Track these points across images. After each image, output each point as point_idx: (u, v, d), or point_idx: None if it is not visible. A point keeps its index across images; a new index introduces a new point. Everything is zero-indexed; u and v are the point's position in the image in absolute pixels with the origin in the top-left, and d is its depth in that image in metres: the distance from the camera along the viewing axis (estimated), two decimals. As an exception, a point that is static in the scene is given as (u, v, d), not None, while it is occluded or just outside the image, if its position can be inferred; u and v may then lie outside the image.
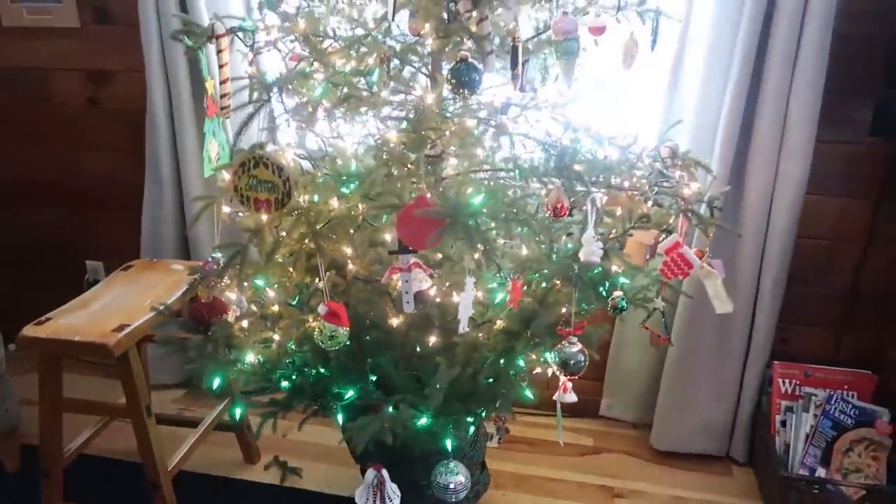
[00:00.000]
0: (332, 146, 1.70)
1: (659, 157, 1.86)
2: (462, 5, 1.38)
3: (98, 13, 2.48)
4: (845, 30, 1.93)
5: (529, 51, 1.69)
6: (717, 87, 2.00)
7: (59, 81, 2.63)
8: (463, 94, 1.44)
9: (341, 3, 1.76)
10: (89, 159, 2.71)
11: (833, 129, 2.05)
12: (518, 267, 1.60)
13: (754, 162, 2.03)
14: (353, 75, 1.53)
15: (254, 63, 1.63)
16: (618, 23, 1.66)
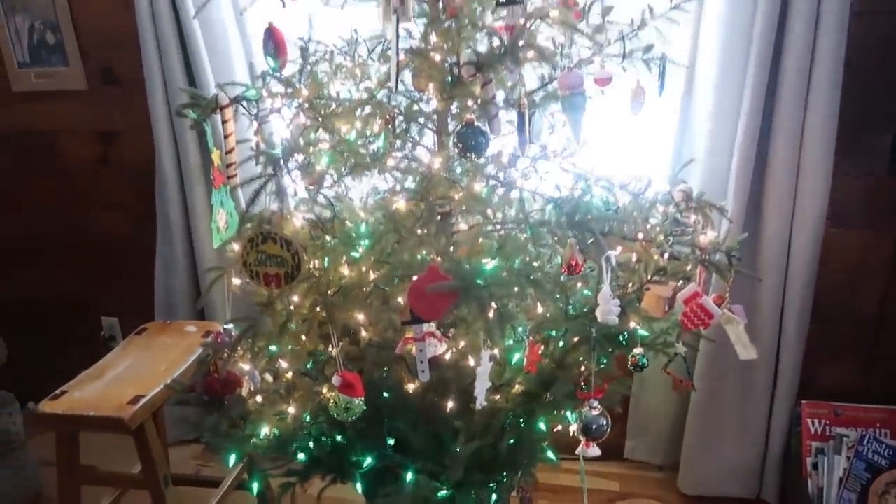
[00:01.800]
0: (340, 204, 1.69)
1: (673, 202, 1.84)
2: (465, 70, 1.36)
3: (104, 74, 2.50)
4: (857, 62, 1.90)
5: (535, 104, 1.66)
6: (729, 125, 1.97)
7: (68, 142, 2.64)
8: (470, 158, 1.42)
9: (345, 62, 1.76)
10: (101, 218, 2.72)
11: (850, 163, 2.01)
12: (534, 326, 1.57)
13: (770, 199, 1.99)
14: (359, 139, 1.52)
15: (259, 131, 1.62)
16: (624, 71, 1.64)
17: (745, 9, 1.85)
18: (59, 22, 2.45)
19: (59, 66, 2.52)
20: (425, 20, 1.59)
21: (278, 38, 1.62)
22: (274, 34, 1.62)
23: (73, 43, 2.47)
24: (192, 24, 2.11)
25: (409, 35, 1.64)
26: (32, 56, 2.54)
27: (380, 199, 1.70)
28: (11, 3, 2.48)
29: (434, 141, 1.66)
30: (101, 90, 2.52)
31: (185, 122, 2.26)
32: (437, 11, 1.56)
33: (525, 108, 1.35)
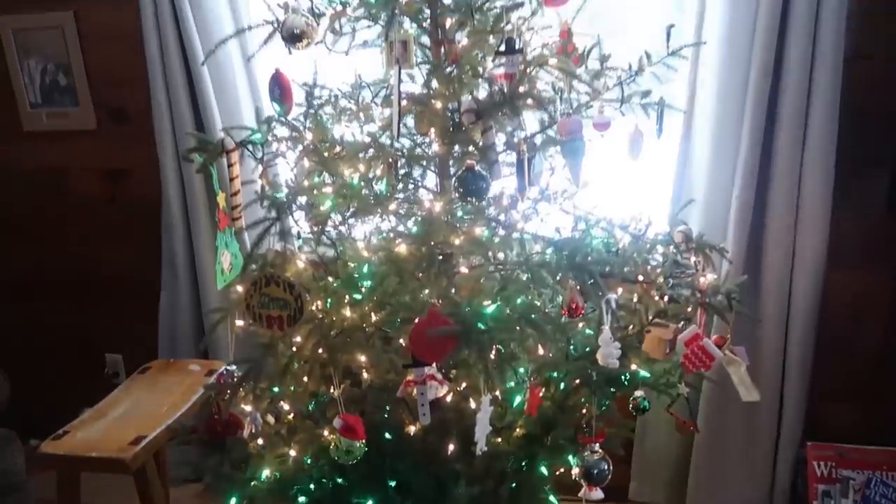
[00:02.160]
0: (343, 245, 1.71)
1: (672, 243, 1.85)
2: (465, 117, 1.39)
3: (113, 115, 2.54)
4: (852, 104, 1.92)
5: (536, 147, 1.69)
6: (727, 167, 1.99)
7: (77, 180, 2.68)
8: (471, 202, 1.45)
9: (349, 105, 1.79)
10: (107, 254, 2.74)
11: (849, 204, 2.02)
12: (536, 368, 1.57)
13: (770, 239, 2.01)
14: (362, 182, 1.54)
15: (264, 174, 1.65)
16: (622, 115, 1.67)
17: (741, 54, 1.89)
18: (72, 64, 2.51)
19: (69, 106, 2.57)
20: (428, 66, 1.63)
21: (284, 84, 1.66)
22: (280, 80, 1.66)
23: (83, 84, 2.53)
24: (201, 69, 2.16)
25: (411, 80, 1.68)
26: (44, 97, 2.60)
27: (383, 238, 1.72)
28: (25, 47, 2.54)
29: (436, 182, 1.69)
30: (111, 130, 2.57)
31: (193, 162, 2.31)
32: (439, 58, 1.60)
33: (524, 154, 1.37)
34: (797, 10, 1.81)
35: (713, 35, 1.92)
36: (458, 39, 1.63)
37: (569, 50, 1.68)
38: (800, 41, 1.82)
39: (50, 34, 2.49)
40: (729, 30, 1.89)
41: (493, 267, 1.64)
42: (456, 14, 1.54)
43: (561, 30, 1.67)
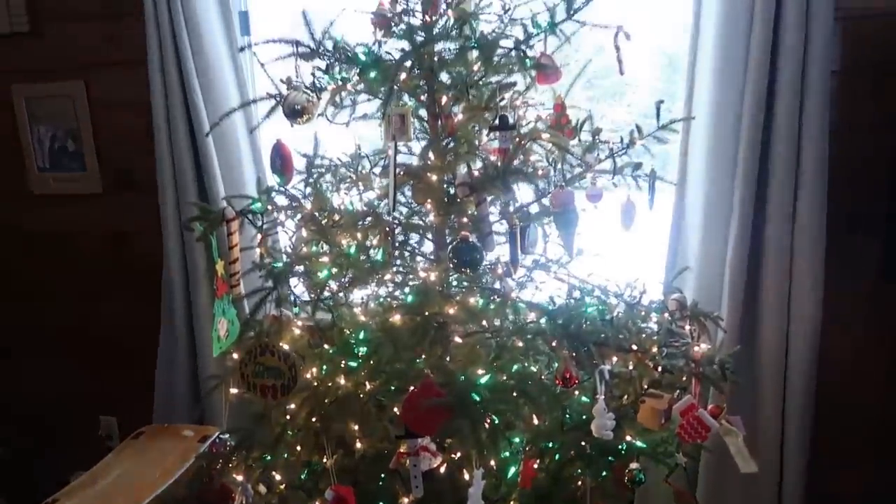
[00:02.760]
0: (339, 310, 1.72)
1: (666, 309, 1.86)
2: (460, 190, 1.43)
3: (119, 180, 2.60)
4: (841, 172, 1.96)
5: (529, 216, 1.72)
6: (720, 234, 2.02)
7: (80, 242, 2.72)
8: (465, 273, 1.47)
9: (348, 173, 1.84)
10: (106, 316, 2.76)
11: (842, 269, 2.04)
12: (530, 438, 1.57)
13: (765, 306, 2.01)
14: (357, 256, 1.57)
15: (263, 243, 1.68)
16: (615, 187, 1.71)
17: (730, 127, 1.94)
18: (80, 130, 2.58)
19: (77, 171, 2.63)
20: (425, 138, 1.68)
21: (285, 155, 1.71)
22: (281, 150, 1.71)
23: (91, 150, 2.59)
24: (206, 139, 2.22)
25: (409, 151, 1.73)
26: (52, 161, 2.66)
27: (379, 303, 1.73)
28: (36, 113, 2.62)
29: (433, 250, 1.71)
30: (116, 194, 2.62)
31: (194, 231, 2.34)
32: (436, 131, 1.65)
33: (517, 227, 1.40)
34: (783, 84, 1.87)
35: (702, 110, 1.98)
36: (454, 113, 1.69)
37: (562, 122, 1.73)
38: (787, 115, 1.87)
39: (60, 101, 2.57)
40: (717, 106, 1.94)
41: (488, 335, 1.65)
42: (452, 90, 1.60)
43: (555, 103, 1.73)
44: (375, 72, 1.56)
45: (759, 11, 1.84)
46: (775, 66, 1.87)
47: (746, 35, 1.88)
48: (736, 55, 1.90)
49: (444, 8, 1.63)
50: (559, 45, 1.64)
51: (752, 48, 1.86)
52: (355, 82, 1.65)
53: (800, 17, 1.82)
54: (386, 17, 1.64)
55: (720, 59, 1.92)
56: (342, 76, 1.64)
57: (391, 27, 1.65)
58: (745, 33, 1.88)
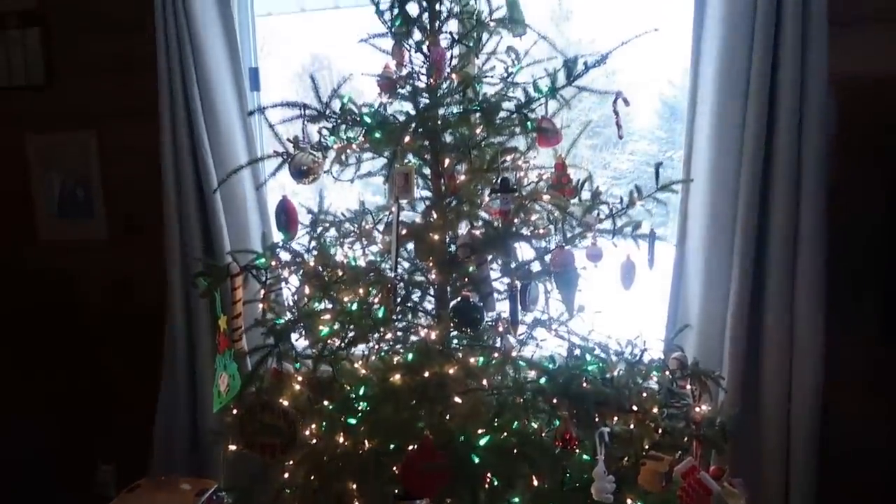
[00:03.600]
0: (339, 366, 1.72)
1: (667, 368, 1.86)
2: (461, 251, 1.45)
3: (126, 228, 2.64)
4: (839, 231, 1.98)
5: (531, 274, 1.73)
6: (721, 292, 2.03)
7: (86, 288, 2.74)
8: (466, 333, 1.48)
9: (352, 228, 1.86)
10: (108, 363, 2.76)
11: (842, 329, 2.04)
12: (530, 499, 1.55)
13: (767, 365, 2.01)
14: (360, 313, 1.58)
15: (266, 299, 1.69)
16: (615, 247, 1.73)
17: (728, 189, 1.96)
18: (90, 179, 2.63)
19: (85, 218, 2.67)
20: (428, 195, 1.71)
21: (290, 211, 1.75)
22: (286, 206, 1.75)
23: (99, 198, 2.64)
24: (214, 195, 2.26)
25: (412, 208, 1.76)
26: (61, 208, 2.70)
27: (380, 357, 1.73)
28: (48, 161, 2.67)
29: (434, 306, 1.72)
30: (122, 243, 2.66)
31: (198, 288, 2.35)
32: (439, 190, 1.68)
33: (517, 289, 1.41)
34: (780, 145, 1.90)
35: (702, 169, 2.01)
36: (457, 172, 1.72)
37: (563, 181, 1.75)
38: (784, 176, 1.90)
39: (71, 150, 2.63)
40: (716, 167, 1.98)
41: (488, 393, 1.65)
42: (455, 152, 1.64)
43: (556, 162, 1.76)
44: (380, 133, 1.60)
45: (755, 77, 1.89)
46: (772, 127, 1.91)
47: (744, 95, 1.92)
48: (733, 120, 1.94)
49: (447, 71, 1.68)
50: (559, 108, 1.69)
51: (749, 110, 1.90)
52: (360, 142, 1.69)
53: (795, 81, 1.87)
54: (391, 80, 1.69)
55: (717, 117, 1.96)
56: (348, 136, 1.69)
57: (396, 89, 1.70)
58: (742, 94, 1.92)
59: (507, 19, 1.71)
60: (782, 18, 1.86)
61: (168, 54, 2.25)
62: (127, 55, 2.51)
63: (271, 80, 2.58)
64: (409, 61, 1.71)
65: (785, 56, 1.87)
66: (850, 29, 1.94)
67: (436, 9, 1.67)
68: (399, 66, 1.70)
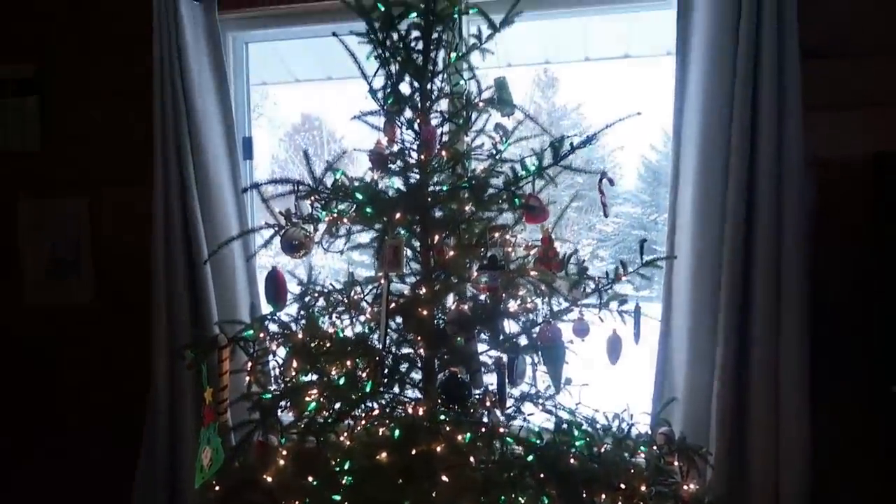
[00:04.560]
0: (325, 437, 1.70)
1: (654, 443, 1.86)
2: (449, 328, 1.47)
3: (113, 295, 2.63)
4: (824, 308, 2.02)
5: (518, 348, 1.74)
6: (707, 367, 2.04)
7: (69, 356, 2.70)
8: (453, 409, 1.48)
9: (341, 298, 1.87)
10: (86, 437, 2.68)
11: (828, 402, 2.05)
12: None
13: (753, 439, 2.00)
14: (347, 386, 1.58)
15: (253, 371, 1.69)
16: (601, 321, 1.75)
17: (711, 268, 2.01)
18: (80, 244, 2.63)
19: (72, 283, 2.65)
20: (418, 268, 1.73)
21: (280, 282, 1.75)
22: (276, 278, 1.76)
23: (88, 264, 2.63)
24: (204, 266, 2.25)
25: (401, 280, 1.77)
26: (49, 272, 2.69)
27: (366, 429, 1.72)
28: (39, 226, 2.67)
29: (421, 379, 1.72)
30: (109, 308, 2.64)
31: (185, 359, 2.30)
32: (428, 264, 1.70)
33: (504, 366, 1.42)
34: (761, 222, 1.95)
35: (684, 246, 2.05)
36: (447, 245, 1.75)
37: (550, 255, 1.78)
38: (765, 257, 1.95)
39: (63, 216, 2.64)
40: (698, 247, 2.03)
41: (475, 469, 1.63)
42: (444, 227, 1.67)
43: (542, 236, 1.79)
44: (371, 208, 1.64)
45: (734, 154, 1.96)
46: (752, 205, 1.96)
47: (724, 171, 1.98)
48: (714, 197, 2.00)
49: (437, 148, 1.73)
50: (545, 184, 1.73)
51: (730, 188, 1.96)
52: (351, 215, 1.72)
53: (773, 163, 1.93)
54: (383, 156, 1.74)
55: (699, 194, 2.02)
56: (339, 209, 1.72)
57: (388, 165, 1.74)
58: (722, 170, 1.98)
59: (496, 100, 1.77)
60: (759, 102, 1.94)
61: (164, 123, 2.29)
62: (123, 123, 2.56)
63: (262, 142, 2.61)
64: (401, 138, 1.76)
65: (762, 137, 1.94)
66: (824, 113, 2.03)
67: (427, 89, 1.73)
68: (390, 142, 1.75)
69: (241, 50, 2.61)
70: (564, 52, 3.02)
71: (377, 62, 1.73)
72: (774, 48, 1.93)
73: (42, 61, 2.65)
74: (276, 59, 3.14)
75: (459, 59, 1.73)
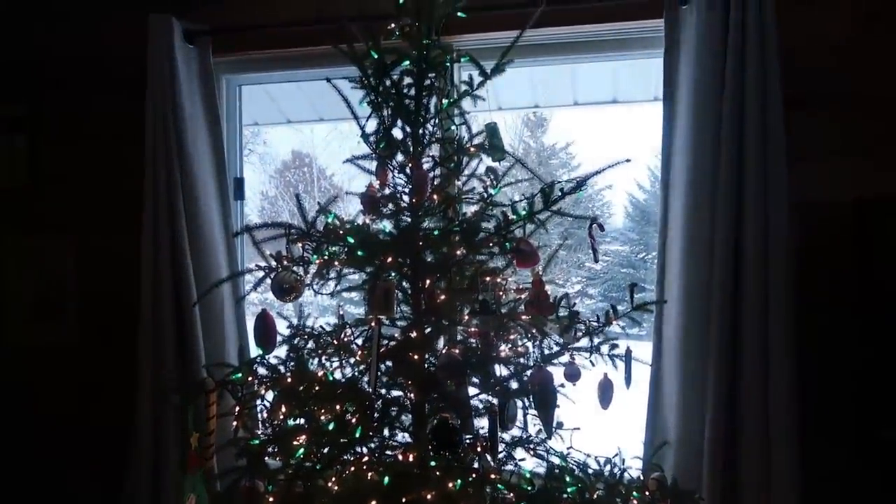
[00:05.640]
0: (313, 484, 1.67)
1: (646, 489, 1.83)
2: (440, 374, 1.46)
3: (100, 337, 2.59)
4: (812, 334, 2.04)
5: (509, 391, 1.72)
6: (697, 412, 2.03)
7: (47, 398, 2.65)
8: (444, 455, 1.46)
9: (331, 341, 1.85)
10: (67, 478, 2.62)
11: (820, 442, 2.05)
12: None
13: (745, 480, 1.99)
14: (335, 431, 1.56)
15: (240, 415, 1.66)
16: (592, 365, 1.74)
17: (700, 304, 2.02)
18: (66, 284, 2.60)
19: (57, 323, 2.61)
20: (408, 312, 1.72)
21: (269, 325, 1.74)
22: (265, 321, 1.74)
23: (74, 304, 2.60)
24: (192, 308, 2.24)
25: (392, 323, 1.76)
26: (33, 312, 2.65)
27: (355, 474, 1.68)
28: (24, 264, 2.64)
29: (411, 423, 1.70)
30: (93, 349, 2.59)
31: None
32: (419, 308, 1.70)
33: (496, 412, 1.41)
34: (748, 268, 1.97)
35: (674, 290, 2.07)
36: (437, 289, 1.75)
37: (541, 298, 1.78)
38: (754, 293, 1.96)
39: (50, 254, 2.62)
40: (686, 300, 2.05)
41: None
42: (435, 270, 1.67)
43: (533, 279, 1.79)
44: (363, 251, 1.64)
45: (720, 202, 1.99)
46: (740, 252, 1.99)
47: (711, 218, 2.01)
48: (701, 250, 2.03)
49: (429, 192, 1.74)
50: (536, 229, 1.75)
51: (717, 234, 1.99)
52: (342, 258, 1.71)
53: (759, 206, 1.96)
54: (375, 199, 1.75)
55: (687, 240, 2.04)
56: (330, 252, 1.71)
57: (379, 208, 1.75)
58: (709, 217, 2.01)
59: (487, 145, 1.79)
60: (744, 147, 1.98)
61: (155, 164, 2.29)
62: (114, 163, 2.56)
63: (252, 178, 2.62)
64: (393, 181, 1.77)
65: (748, 180, 1.97)
66: (805, 162, 2.07)
67: (419, 134, 1.75)
68: (382, 185, 1.76)
69: (234, 91, 2.63)
70: (554, 96, 3.08)
71: (370, 107, 1.75)
72: (759, 95, 1.97)
73: (35, 101, 2.66)
74: (267, 101, 3.17)
75: (451, 105, 1.75)
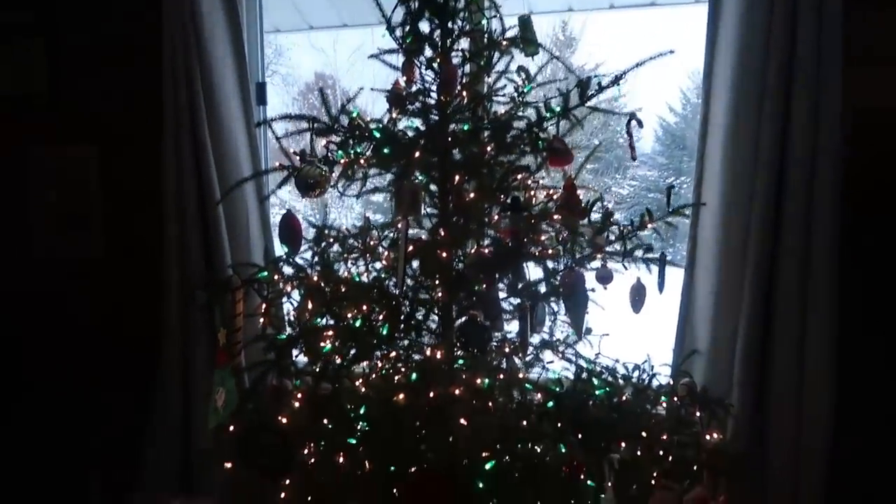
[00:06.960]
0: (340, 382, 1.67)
1: (676, 394, 1.82)
2: (469, 271, 1.42)
3: (124, 246, 2.57)
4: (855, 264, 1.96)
5: (539, 295, 1.69)
6: (730, 319, 1.98)
7: (79, 307, 2.67)
8: (472, 354, 1.44)
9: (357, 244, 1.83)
10: (99, 378, 2.68)
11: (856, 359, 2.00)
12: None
13: (776, 392, 1.95)
14: (362, 330, 1.54)
15: (267, 313, 1.65)
16: (625, 269, 1.70)
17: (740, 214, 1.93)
18: (90, 194, 2.58)
19: (82, 236, 2.61)
20: (436, 213, 1.68)
21: (294, 226, 1.71)
22: (290, 221, 1.71)
23: (99, 214, 2.58)
24: (216, 208, 2.20)
25: (419, 225, 1.73)
26: (58, 226, 2.64)
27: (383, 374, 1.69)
28: (48, 176, 2.62)
29: (438, 325, 1.68)
30: (118, 262, 2.58)
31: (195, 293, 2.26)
32: (447, 208, 1.65)
33: (527, 310, 1.38)
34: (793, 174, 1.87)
35: (713, 194, 1.99)
36: (466, 189, 1.69)
37: (573, 202, 1.72)
38: (795, 210, 1.88)
39: (72, 165, 2.58)
40: (727, 197, 1.96)
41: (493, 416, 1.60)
42: (464, 170, 1.61)
43: (565, 182, 1.73)
44: (389, 149, 1.58)
45: (768, 103, 1.87)
46: (785, 156, 1.89)
47: (757, 121, 1.90)
48: (746, 146, 1.92)
49: (458, 89, 1.67)
50: (570, 128, 1.67)
51: (762, 137, 1.88)
52: (368, 156, 1.66)
53: (810, 109, 1.85)
54: (402, 97, 1.68)
55: (730, 144, 1.94)
56: (356, 151, 1.66)
57: (406, 105, 1.68)
58: (755, 119, 1.90)
59: (520, 39, 1.69)
60: (797, 44, 1.85)
61: (175, 67, 2.23)
62: (133, 68, 2.49)
63: (275, 100, 2.55)
64: (420, 78, 1.69)
65: (798, 83, 1.85)
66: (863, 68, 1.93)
67: (448, 26, 1.66)
68: (409, 82, 1.69)
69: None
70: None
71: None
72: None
73: (47, 6, 2.57)
74: (289, 6, 3.05)
75: (483, -6, 1.65)
